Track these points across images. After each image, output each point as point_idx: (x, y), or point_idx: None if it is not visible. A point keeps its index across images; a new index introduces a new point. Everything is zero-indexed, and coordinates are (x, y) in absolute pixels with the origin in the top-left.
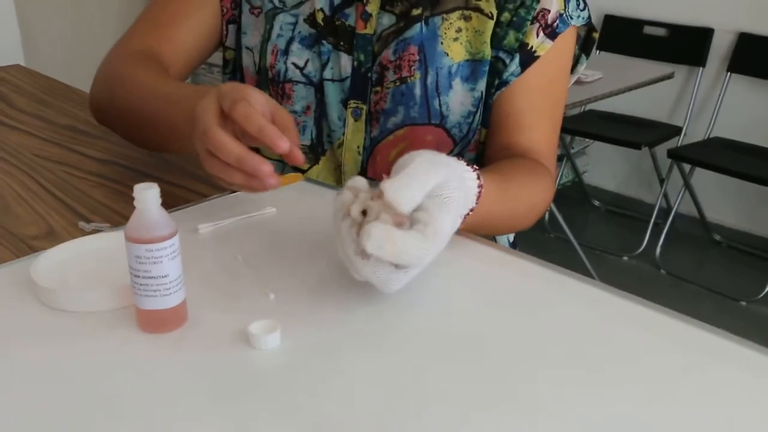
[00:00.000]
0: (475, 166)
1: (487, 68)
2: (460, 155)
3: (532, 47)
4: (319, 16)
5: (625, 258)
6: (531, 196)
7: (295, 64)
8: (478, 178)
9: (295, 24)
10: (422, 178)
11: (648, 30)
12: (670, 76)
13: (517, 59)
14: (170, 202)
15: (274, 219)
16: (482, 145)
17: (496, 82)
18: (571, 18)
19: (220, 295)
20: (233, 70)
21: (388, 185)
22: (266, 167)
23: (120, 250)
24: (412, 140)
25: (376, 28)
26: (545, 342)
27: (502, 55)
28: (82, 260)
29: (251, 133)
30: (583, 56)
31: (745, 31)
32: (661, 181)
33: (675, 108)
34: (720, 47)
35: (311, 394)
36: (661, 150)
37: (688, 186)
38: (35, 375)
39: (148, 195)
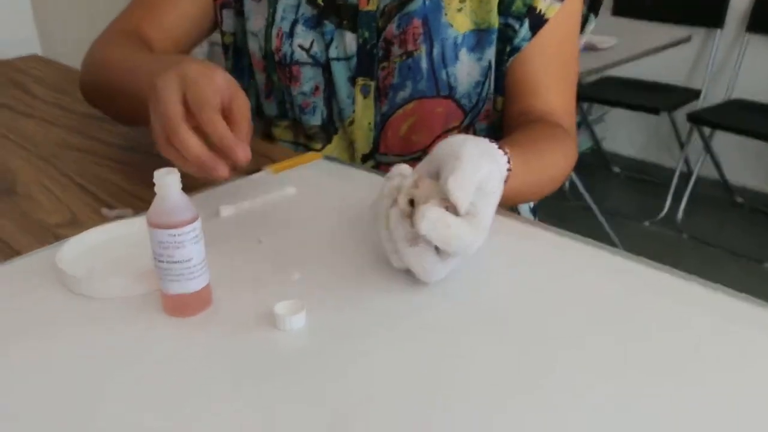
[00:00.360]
0: (506, 149)
1: (494, 37)
2: (471, 125)
3: (540, 10)
4: None
5: (647, 223)
6: (553, 164)
7: (301, 46)
8: (509, 161)
9: (297, 6)
10: (475, 171)
11: None
12: (687, 40)
13: (526, 24)
14: (191, 185)
15: (295, 199)
16: (497, 113)
17: (508, 48)
18: None
19: (243, 278)
20: (235, 55)
21: (451, 182)
22: (222, 170)
23: (143, 236)
24: (422, 113)
25: (379, 4)
26: (573, 316)
27: (511, 21)
28: (106, 247)
29: (213, 141)
30: (592, 16)
31: None
32: (681, 145)
33: (693, 71)
34: (737, 8)
35: (336, 376)
36: (680, 114)
37: (708, 149)
38: (63, 361)
39: (168, 180)
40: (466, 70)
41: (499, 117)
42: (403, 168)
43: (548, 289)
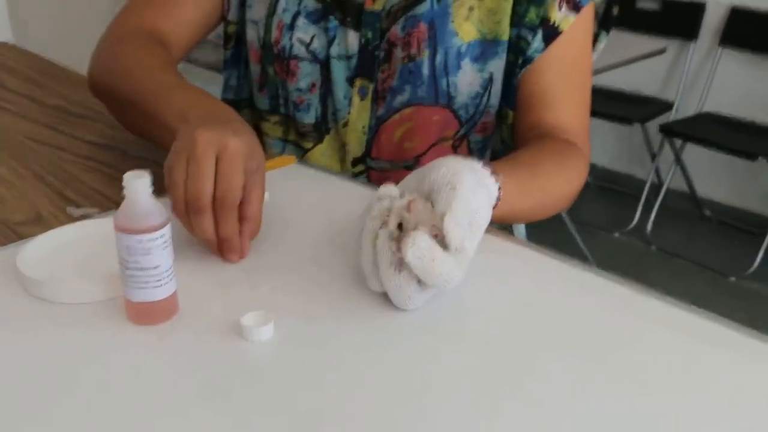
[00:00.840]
0: (498, 176)
1: (500, 49)
2: (465, 136)
3: (554, 22)
4: None
5: (617, 234)
6: (556, 187)
7: (300, 40)
8: (499, 189)
9: None
10: (470, 206)
11: (641, 4)
12: (662, 51)
13: (539, 35)
14: (163, 186)
15: (267, 205)
16: (508, 127)
17: (520, 60)
18: None
19: (211, 286)
20: (236, 45)
21: (448, 219)
22: (222, 256)
23: (109, 238)
24: (418, 120)
25: (385, 4)
26: (545, 333)
27: (524, 32)
28: (70, 249)
29: (219, 233)
30: (603, 33)
31: (737, 5)
32: (653, 156)
33: (666, 83)
34: (712, 21)
35: (305, 388)
36: (653, 125)
37: (679, 161)
38: (21, 368)
39: (138, 184)
40: (467, 81)
41: (495, 130)
42: (392, 190)
43: (512, 303)
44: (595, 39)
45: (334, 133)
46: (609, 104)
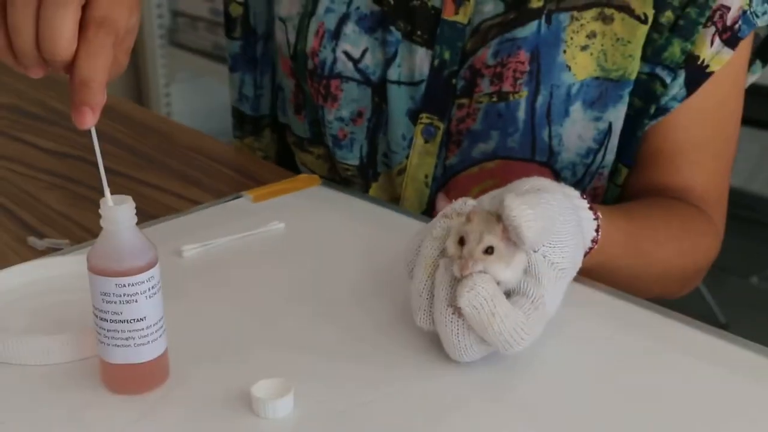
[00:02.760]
0: (597, 213)
1: (625, 92)
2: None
3: (703, 61)
4: None
5: (755, 279)
6: (671, 256)
7: (347, 54)
8: (597, 230)
9: None
10: (553, 215)
11: None
12: None
13: (681, 78)
14: (148, 210)
15: (282, 238)
16: (616, 189)
17: (653, 109)
18: (757, 16)
19: (212, 344)
20: (246, 35)
21: (513, 202)
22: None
23: (82, 279)
24: (505, 179)
25: (473, 16)
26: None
27: (660, 71)
28: (29, 293)
29: (74, 79)
30: (758, 63)
31: None
32: None
33: None
34: None
35: None
36: None
37: None
38: None
39: (118, 213)
40: (576, 132)
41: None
42: (464, 205)
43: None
44: (748, 66)
45: (384, 181)
46: (748, 102)
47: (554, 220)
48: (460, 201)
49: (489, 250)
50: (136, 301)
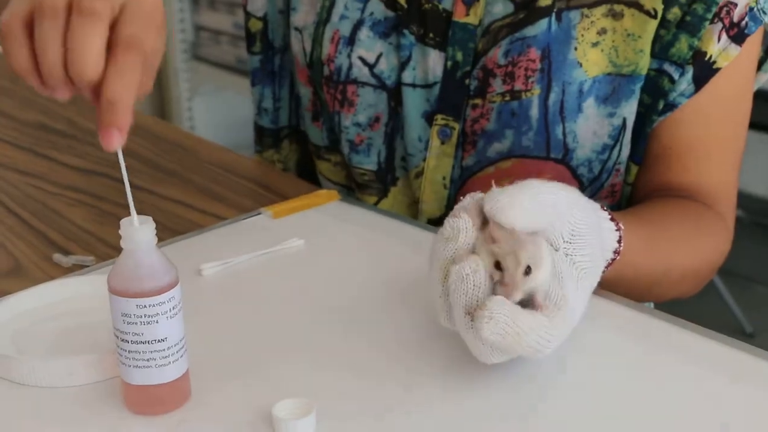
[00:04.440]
0: (619, 224)
1: (637, 87)
2: None
3: (710, 57)
4: None
5: None
6: (687, 257)
7: (362, 59)
8: (619, 241)
9: (366, 2)
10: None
11: None
12: None
13: (689, 74)
14: (169, 225)
15: (302, 255)
16: (628, 187)
17: (661, 105)
18: (764, 12)
19: (233, 363)
20: (265, 50)
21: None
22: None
23: (105, 299)
24: (521, 178)
25: (483, 18)
26: None
27: (667, 67)
28: (54, 314)
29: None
30: None
31: None
32: None
33: None
34: None
35: None
36: None
37: None
38: None
39: (139, 234)
40: (591, 128)
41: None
42: (468, 202)
43: (629, 397)
44: (759, 65)
45: (403, 184)
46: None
47: (537, 193)
48: (467, 197)
49: (527, 270)
50: (157, 322)
